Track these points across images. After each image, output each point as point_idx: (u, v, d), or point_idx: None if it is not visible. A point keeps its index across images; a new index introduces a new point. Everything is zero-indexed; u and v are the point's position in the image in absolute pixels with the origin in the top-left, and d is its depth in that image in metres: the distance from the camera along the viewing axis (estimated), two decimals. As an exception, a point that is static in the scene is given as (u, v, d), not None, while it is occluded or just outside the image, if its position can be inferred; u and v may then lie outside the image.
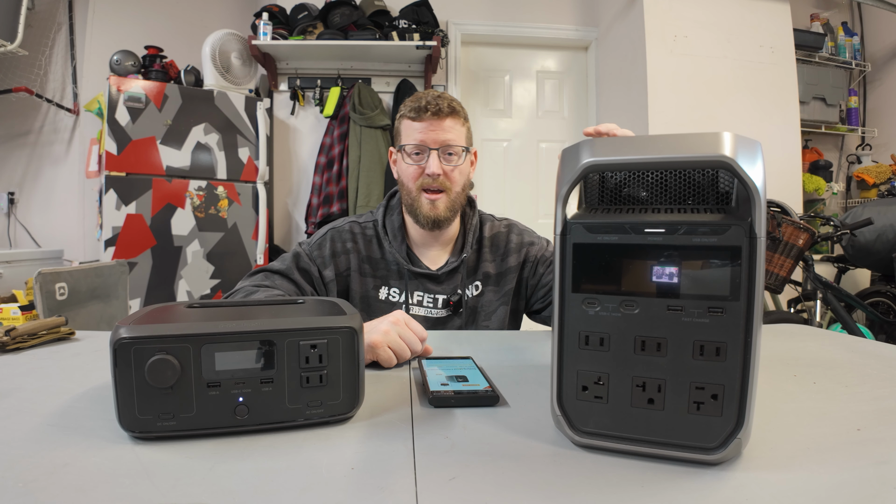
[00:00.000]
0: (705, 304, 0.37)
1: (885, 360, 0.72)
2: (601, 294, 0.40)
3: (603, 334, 0.40)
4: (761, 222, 0.36)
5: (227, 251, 2.62)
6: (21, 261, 2.44)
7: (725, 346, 0.37)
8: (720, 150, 0.37)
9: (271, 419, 0.45)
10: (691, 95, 2.67)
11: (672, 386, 0.38)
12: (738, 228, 0.36)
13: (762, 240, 0.36)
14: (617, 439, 0.41)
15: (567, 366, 0.42)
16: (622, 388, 0.40)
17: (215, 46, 2.67)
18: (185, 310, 0.51)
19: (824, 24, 3.26)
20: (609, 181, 0.45)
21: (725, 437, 0.37)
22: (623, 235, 0.40)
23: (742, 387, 0.37)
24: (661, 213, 0.41)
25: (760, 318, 0.37)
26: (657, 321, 0.39)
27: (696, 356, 0.38)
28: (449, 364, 0.65)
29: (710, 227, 0.37)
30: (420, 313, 1.04)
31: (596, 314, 0.40)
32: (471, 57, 3.26)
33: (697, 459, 0.39)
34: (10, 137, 2.84)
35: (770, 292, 2.23)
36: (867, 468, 0.38)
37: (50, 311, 1.29)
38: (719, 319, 0.37)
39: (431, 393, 0.54)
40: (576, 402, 0.42)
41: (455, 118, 1.00)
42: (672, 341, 0.38)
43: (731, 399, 0.37)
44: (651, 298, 0.39)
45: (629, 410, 0.40)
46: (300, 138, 3.09)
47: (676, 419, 0.38)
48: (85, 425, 0.46)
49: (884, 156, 3.23)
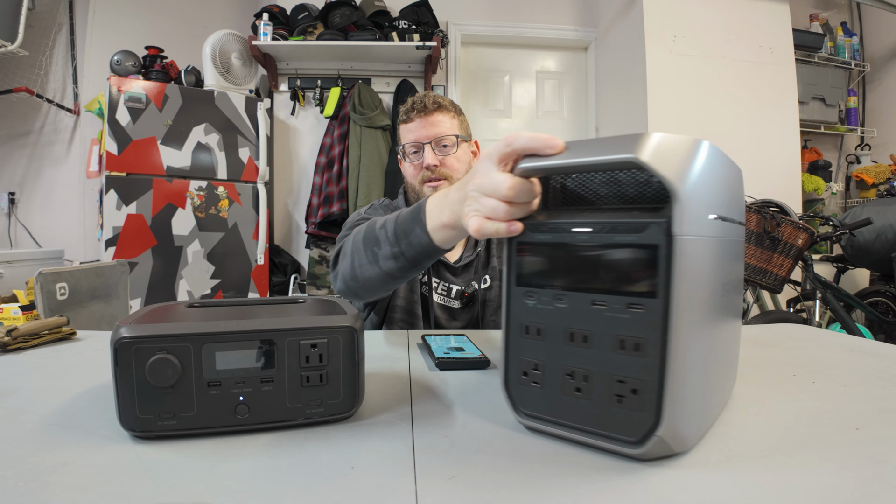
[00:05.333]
0: (626, 301, 0.38)
1: (885, 360, 0.72)
2: (537, 288, 0.44)
3: (539, 325, 0.43)
4: (681, 221, 0.36)
5: (227, 251, 2.62)
6: (22, 261, 2.44)
7: (644, 342, 0.37)
8: (632, 150, 0.37)
9: (272, 418, 0.45)
10: (691, 95, 2.67)
11: (597, 377, 0.40)
12: (656, 227, 0.37)
13: (682, 238, 0.36)
14: (552, 424, 0.43)
15: (512, 353, 0.46)
16: (555, 376, 0.43)
17: (216, 47, 2.67)
18: (186, 309, 0.51)
19: (823, 25, 3.26)
20: (554, 184, 0.46)
21: (645, 433, 0.38)
22: (555, 234, 0.43)
23: (660, 384, 0.37)
24: (594, 213, 0.42)
25: (688, 316, 0.37)
26: (583, 315, 0.41)
27: (618, 350, 0.39)
28: (449, 339, 0.80)
29: (630, 225, 0.38)
30: (438, 301, 1.07)
31: (534, 306, 0.44)
32: (471, 57, 3.26)
33: (622, 452, 0.40)
34: (10, 138, 2.84)
35: (769, 292, 2.23)
36: (866, 468, 0.38)
37: (51, 311, 1.29)
38: (639, 316, 0.38)
39: (437, 359, 0.67)
40: (518, 386, 0.45)
41: (443, 112, 1.05)
42: (596, 335, 0.40)
43: (650, 395, 0.37)
44: (578, 293, 0.41)
45: (561, 397, 0.42)
46: (300, 138, 3.09)
47: (602, 410, 0.40)
48: (86, 424, 0.46)
49: (883, 156, 3.23)
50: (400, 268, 0.65)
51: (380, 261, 0.66)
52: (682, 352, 0.36)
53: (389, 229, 0.64)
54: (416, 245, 0.61)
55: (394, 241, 0.63)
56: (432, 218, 0.58)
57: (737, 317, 0.51)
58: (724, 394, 0.50)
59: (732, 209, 0.44)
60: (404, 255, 0.63)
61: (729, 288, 0.45)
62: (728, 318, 0.46)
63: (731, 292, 0.46)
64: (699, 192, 0.37)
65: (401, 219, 0.63)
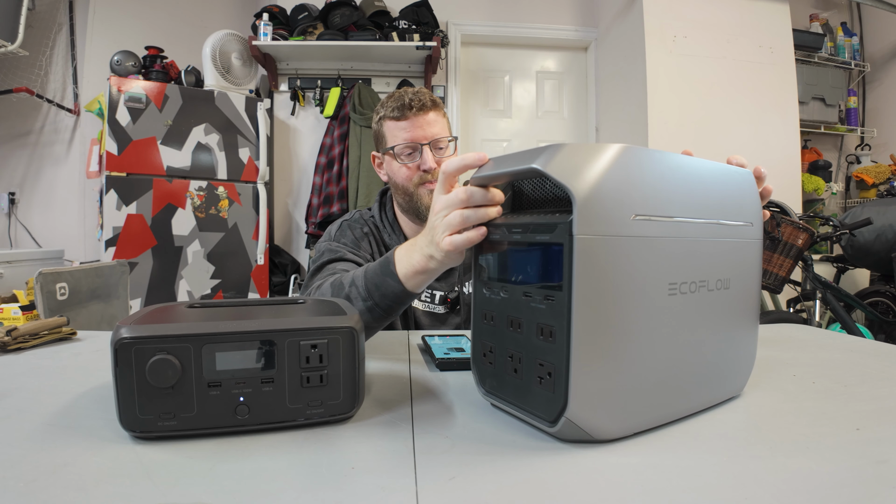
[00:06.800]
0: (543, 293, 0.43)
1: (885, 360, 0.72)
2: (490, 280, 0.50)
3: (492, 313, 0.49)
4: (583, 221, 0.39)
5: (227, 251, 2.62)
6: (22, 261, 2.44)
7: (555, 329, 0.41)
8: (533, 161, 0.42)
9: (272, 419, 0.45)
10: (691, 96, 2.67)
11: (526, 360, 0.45)
12: (562, 227, 0.41)
13: (582, 237, 0.39)
14: (501, 399, 0.49)
15: (475, 336, 0.52)
16: (502, 357, 0.48)
17: (216, 47, 2.67)
18: (186, 310, 0.51)
19: (823, 25, 3.26)
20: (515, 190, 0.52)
21: (557, 414, 0.42)
22: (502, 234, 0.49)
23: (566, 368, 0.40)
24: (532, 215, 0.47)
25: (593, 308, 0.40)
26: (518, 305, 0.46)
27: (538, 337, 0.43)
28: (448, 339, 0.79)
29: (546, 227, 0.43)
30: (421, 307, 1.05)
31: (488, 296, 0.50)
32: (471, 57, 3.26)
33: (544, 430, 0.44)
34: (10, 138, 2.84)
35: (769, 292, 2.23)
36: (866, 467, 0.38)
37: (51, 311, 1.29)
38: (551, 306, 0.42)
39: (437, 360, 0.67)
40: (481, 365, 0.52)
41: (437, 111, 1.03)
42: (525, 322, 0.45)
43: (560, 378, 0.41)
44: (514, 286, 0.46)
45: (505, 376, 0.48)
46: (300, 138, 3.09)
47: (530, 389, 0.45)
48: (86, 425, 0.46)
49: (883, 156, 3.23)
50: (375, 318, 0.67)
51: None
52: (585, 340, 0.40)
53: (360, 285, 0.67)
54: (389, 295, 0.64)
55: (366, 296, 0.66)
56: (402, 266, 0.63)
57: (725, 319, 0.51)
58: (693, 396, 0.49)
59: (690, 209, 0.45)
60: (378, 306, 0.66)
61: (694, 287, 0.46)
62: (696, 319, 0.47)
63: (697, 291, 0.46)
64: (608, 195, 0.40)
65: (370, 273, 0.67)
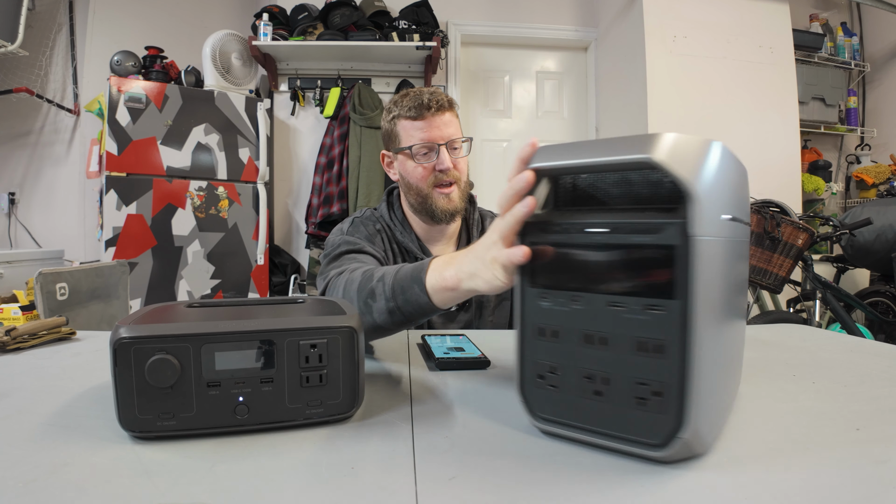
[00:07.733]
0: (644, 302, 0.38)
1: (885, 360, 0.72)
2: (552, 289, 0.43)
3: (555, 327, 0.43)
4: (699, 221, 0.36)
5: (227, 251, 2.62)
6: (22, 261, 2.44)
7: (664, 343, 0.37)
8: (646, 150, 0.37)
9: (271, 419, 0.45)
10: (691, 96, 2.67)
11: (616, 380, 0.39)
12: (673, 228, 0.36)
13: (699, 239, 0.36)
14: (570, 427, 0.42)
15: (526, 355, 0.45)
16: (572, 379, 0.42)
17: (216, 47, 2.67)
18: (186, 309, 0.51)
19: (823, 25, 3.26)
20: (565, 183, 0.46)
21: (668, 436, 0.37)
22: (570, 235, 0.42)
23: (682, 386, 0.36)
24: (611, 213, 0.42)
25: (707, 317, 0.36)
26: (600, 317, 0.40)
27: (638, 352, 0.38)
28: (448, 339, 0.78)
29: (646, 226, 0.38)
30: None
31: (549, 308, 0.43)
32: (471, 57, 3.26)
33: (644, 455, 0.39)
34: (10, 138, 2.84)
35: (769, 292, 2.23)
36: (866, 468, 0.38)
37: (50, 311, 1.29)
38: (657, 317, 0.37)
39: (437, 359, 0.66)
40: (534, 390, 0.44)
41: (452, 112, 1.03)
42: (614, 336, 0.39)
43: (671, 397, 0.37)
44: (594, 294, 0.40)
45: (580, 400, 0.41)
46: (300, 139, 3.09)
47: (623, 413, 0.39)
48: (85, 425, 0.46)
49: (883, 156, 3.23)
50: (395, 322, 0.64)
51: (374, 312, 0.64)
52: (703, 353, 0.36)
53: (387, 283, 0.64)
54: (412, 302, 0.61)
55: (390, 296, 0.63)
56: (434, 276, 0.58)
57: (742, 317, 0.51)
58: (733, 394, 0.50)
59: (741, 209, 0.44)
60: (400, 310, 0.62)
61: (736, 289, 0.45)
62: (736, 319, 0.46)
63: (738, 293, 0.46)
64: (713, 193, 0.37)
65: (400, 274, 0.63)
